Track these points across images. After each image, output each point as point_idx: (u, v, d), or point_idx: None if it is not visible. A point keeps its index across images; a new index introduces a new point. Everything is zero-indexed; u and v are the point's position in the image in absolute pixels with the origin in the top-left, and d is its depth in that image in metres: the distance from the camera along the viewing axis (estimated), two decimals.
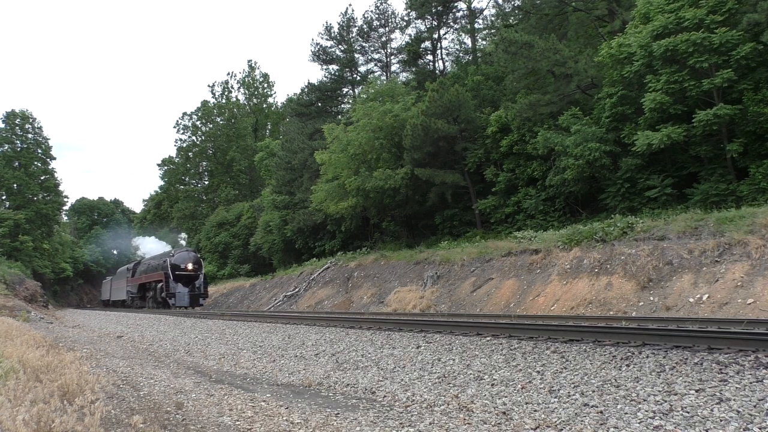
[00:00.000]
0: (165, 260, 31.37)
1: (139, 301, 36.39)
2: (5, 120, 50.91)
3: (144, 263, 37.30)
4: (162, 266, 31.81)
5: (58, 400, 4.57)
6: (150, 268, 34.50)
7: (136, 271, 38.37)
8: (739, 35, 15.02)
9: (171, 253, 31.96)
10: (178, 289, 30.13)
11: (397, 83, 32.48)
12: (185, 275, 31.00)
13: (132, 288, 38.19)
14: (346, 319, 12.24)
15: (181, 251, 32.60)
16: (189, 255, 32.12)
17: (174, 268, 30.75)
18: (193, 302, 30.49)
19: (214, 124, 58.96)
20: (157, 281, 31.94)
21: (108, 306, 49.34)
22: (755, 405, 4.15)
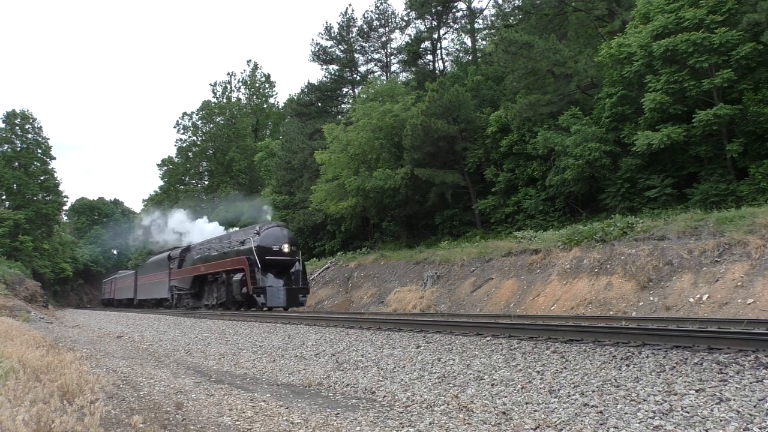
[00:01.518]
0: (246, 240, 20.77)
1: (191, 301, 25.50)
2: (5, 120, 50.91)
3: (202, 247, 25.68)
4: (241, 249, 20.85)
5: (58, 400, 4.56)
6: (217, 253, 23.35)
7: (187, 259, 27.48)
8: (739, 35, 15.02)
9: (255, 229, 21.01)
10: (268, 282, 19.68)
11: (397, 83, 32.49)
12: (279, 261, 20.12)
13: (180, 282, 27.00)
14: (346, 319, 12.24)
15: (269, 226, 21.11)
16: (282, 232, 20.78)
17: (262, 252, 19.80)
18: (291, 300, 19.69)
19: (214, 124, 58.96)
20: (232, 271, 21.20)
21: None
22: (755, 405, 4.15)
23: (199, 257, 24.99)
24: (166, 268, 29.65)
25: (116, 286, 45.87)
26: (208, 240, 25.92)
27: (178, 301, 27.62)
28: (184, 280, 26.38)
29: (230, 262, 21.13)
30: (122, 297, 43.13)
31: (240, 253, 20.53)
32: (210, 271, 23.11)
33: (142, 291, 35.92)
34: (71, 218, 75.42)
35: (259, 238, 20.01)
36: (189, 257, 27.08)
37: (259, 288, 19.09)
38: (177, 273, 27.92)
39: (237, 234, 23.20)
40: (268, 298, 19.12)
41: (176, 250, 29.64)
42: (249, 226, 25.85)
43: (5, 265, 38.02)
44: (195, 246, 27.03)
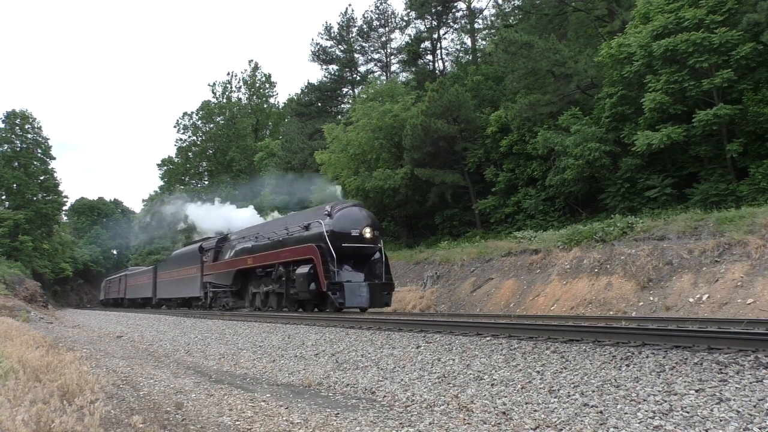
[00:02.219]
0: (313, 224, 16.22)
1: (231, 300, 21.01)
2: (5, 120, 50.94)
3: (247, 235, 20.72)
4: (307, 236, 16.29)
5: (58, 400, 4.56)
6: (269, 241, 18.39)
7: (224, 250, 22.27)
8: (739, 35, 15.03)
9: (325, 210, 16.28)
10: (345, 276, 15.18)
11: (397, 83, 32.51)
12: (359, 250, 15.58)
13: (218, 278, 22.14)
14: (346, 319, 12.23)
15: (344, 206, 16.28)
16: (362, 213, 16.15)
17: (336, 238, 15.23)
18: (374, 299, 15.04)
19: (214, 124, 58.97)
20: (294, 263, 16.33)
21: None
22: (755, 405, 4.15)
23: (243, 247, 19.95)
24: (198, 262, 24.34)
25: (127, 284, 41.11)
26: (255, 226, 21.49)
27: (213, 300, 22.65)
28: (223, 275, 21.43)
29: (291, 251, 16.30)
30: (136, 296, 38.24)
31: (305, 240, 15.80)
32: (260, 264, 18.26)
33: (165, 289, 30.55)
34: (71, 218, 75.43)
35: (333, 221, 15.30)
36: (228, 248, 21.83)
37: (335, 284, 14.44)
38: (212, 267, 22.78)
39: (296, 217, 18.15)
40: (347, 295, 14.43)
41: (210, 239, 24.32)
42: (311, 207, 20.95)
43: (5, 265, 38.03)
44: (235, 234, 22.12)
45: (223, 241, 22.90)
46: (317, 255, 14.81)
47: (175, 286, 28.34)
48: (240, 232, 21.98)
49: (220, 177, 57.33)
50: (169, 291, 29.90)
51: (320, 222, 15.67)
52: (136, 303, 38.64)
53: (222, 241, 22.91)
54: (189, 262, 26.16)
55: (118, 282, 45.44)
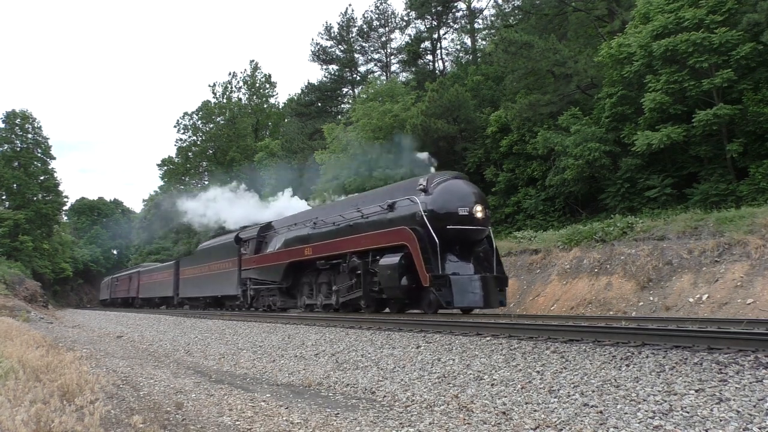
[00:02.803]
0: (400, 203, 12.72)
1: (280, 298, 17.91)
2: (5, 120, 50.94)
3: (300, 221, 17.09)
4: (395, 217, 12.82)
5: (58, 400, 4.57)
6: (335, 227, 14.84)
7: (269, 240, 18.93)
8: (739, 35, 15.03)
9: (420, 184, 12.40)
10: (451, 268, 11.73)
11: (397, 83, 32.51)
12: (468, 235, 12.12)
13: (262, 273, 18.70)
14: (346, 319, 12.24)
15: (445, 178, 12.60)
16: (468, 187, 12.62)
17: (439, 219, 11.78)
18: (490, 298, 11.36)
19: (214, 124, 58.96)
20: (376, 252, 12.89)
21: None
22: (755, 405, 4.15)
23: (296, 236, 16.51)
24: (233, 255, 20.94)
25: (141, 281, 37.50)
26: (310, 211, 18.22)
27: (254, 299, 19.53)
28: (269, 269, 17.94)
29: (372, 238, 12.76)
30: (152, 295, 34.60)
31: (391, 223, 12.48)
32: (322, 255, 14.72)
33: (190, 287, 26.75)
34: (71, 218, 75.44)
35: (432, 198, 11.78)
36: (273, 237, 18.45)
37: (440, 277, 10.91)
38: (254, 260, 19.11)
39: (371, 197, 14.29)
40: (455, 293, 10.83)
41: (249, 229, 21.07)
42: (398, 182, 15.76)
43: (5, 265, 38.04)
44: (281, 221, 18.84)
45: (266, 229, 19.36)
46: (413, 241, 11.25)
47: (204, 284, 24.45)
48: (287, 219, 18.62)
49: (219, 177, 57.30)
50: (195, 289, 26.00)
51: (413, 200, 12.00)
52: (152, 303, 35.31)
53: (265, 230, 19.41)
54: (222, 255, 22.41)
55: (128, 280, 41.59)
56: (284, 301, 17.80)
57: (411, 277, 11.51)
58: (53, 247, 53.52)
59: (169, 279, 30.94)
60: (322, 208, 17.55)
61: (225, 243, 22.76)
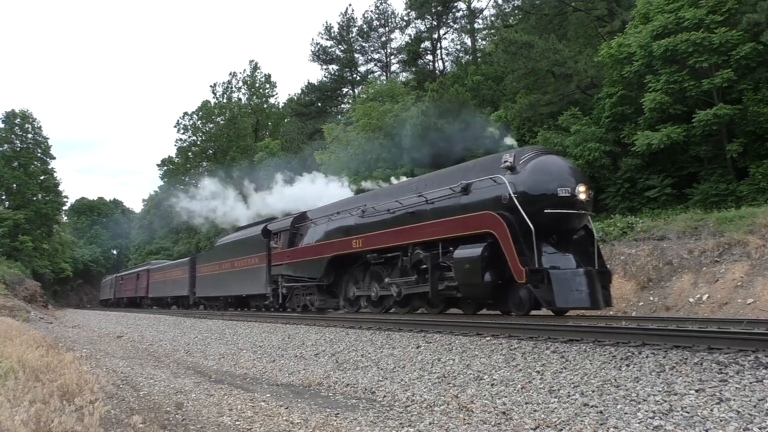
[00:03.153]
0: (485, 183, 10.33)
1: (319, 297, 15.65)
2: (5, 120, 50.96)
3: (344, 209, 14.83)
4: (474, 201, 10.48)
5: (58, 400, 4.56)
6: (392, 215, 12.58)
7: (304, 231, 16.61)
8: (739, 35, 15.04)
9: (506, 161, 10.00)
10: (549, 262, 9.41)
11: (397, 83, 32.52)
12: (567, 220, 9.85)
13: (296, 269, 16.43)
14: (346, 319, 12.23)
15: (536, 153, 10.25)
16: (566, 163, 10.57)
17: (533, 202, 9.54)
18: (595, 297, 9.15)
19: (214, 124, 58.99)
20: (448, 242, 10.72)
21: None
22: (755, 405, 4.15)
23: (340, 226, 14.30)
24: (261, 249, 18.60)
25: (151, 280, 34.89)
26: (357, 197, 15.89)
27: (287, 298, 17.29)
28: (306, 264, 15.68)
29: (445, 225, 10.68)
30: (164, 294, 32.21)
31: (468, 209, 10.35)
32: (375, 247, 12.67)
33: (208, 285, 24.43)
34: (71, 218, 75.48)
35: (522, 177, 9.76)
36: (309, 228, 16.12)
37: (537, 272, 9.00)
38: (288, 255, 16.67)
39: (437, 179, 11.95)
40: (556, 291, 8.98)
41: (279, 220, 18.87)
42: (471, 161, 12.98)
43: (5, 265, 38.05)
44: (318, 211, 16.48)
45: (301, 220, 16.97)
46: (502, 228, 9.34)
47: (225, 282, 22.17)
48: (326, 207, 16.28)
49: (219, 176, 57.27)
50: (214, 288, 23.64)
51: (497, 180, 9.93)
52: (163, 303, 32.95)
53: (299, 221, 16.96)
54: (247, 250, 20.00)
55: (135, 278, 39.08)
56: (323, 301, 15.50)
57: (496, 272, 9.57)
58: (53, 247, 53.54)
59: (183, 277, 28.39)
60: (372, 194, 15.21)
61: (250, 237, 20.13)
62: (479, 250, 9.68)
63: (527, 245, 9.16)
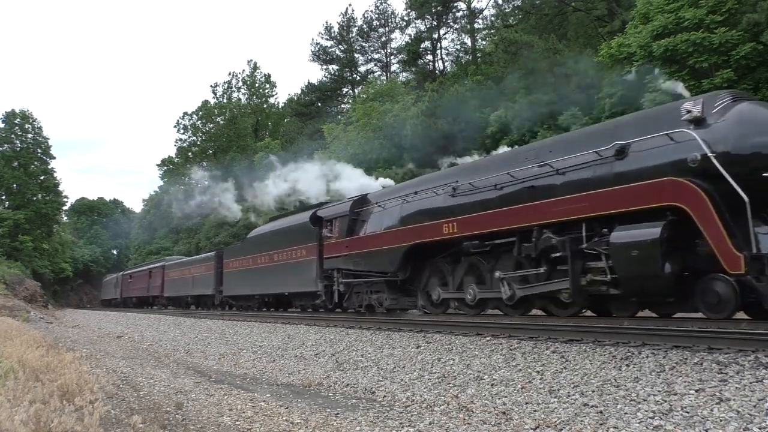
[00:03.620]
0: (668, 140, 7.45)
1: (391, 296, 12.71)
2: (5, 120, 51.00)
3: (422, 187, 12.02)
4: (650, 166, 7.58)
5: (58, 400, 4.56)
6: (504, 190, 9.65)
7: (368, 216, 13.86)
8: (739, 35, 15.05)
9: (685, 110, 7.21)
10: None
11: (397, 83, 32.54)
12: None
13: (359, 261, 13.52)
14: (346, 319, 12.23)
15: (730, 98, 7.51)
16: None
17: (743, 164, 6.79)
18: None
19: (214, 124, 59.02)
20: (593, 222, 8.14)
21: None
22: (755, 405, 4.15)
23: (423, 208, 11.52)
24: (310, 239, 15.80)
25: (166, 277, 31.78)
26: (438, 174, 12.95)
27: (345, 297, 14.31)
28: (373, 256, 12.89)
29: (596, 200, 8.17)
30: (183, 293, 28.98)
31: (626, 178, 7.91)
32: (480, 231, 9.99)
33: (238, 283, 21.31)
34: (71, 218, 75.51)
35: (722, 131, 7.27)
36: (373, 213, 13.57)
37: (759, 259, 6.53)
38: (345, 245, 14.02)
39: (575, 140, 9.32)
40: None
41: (331, 205, 16.18)
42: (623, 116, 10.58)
43: (5, 265, 38.07)
44: (387, 192, 13.99)
45: (361, 204, 14.25)
46: (699, 200, 6.92)
47: (261, 278, 19.05)
48: (396, 188, 14.13)
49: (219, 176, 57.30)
50: (247, 285, 20.61)
51: (680, 136, 7.45)
52: (181, 302, 29.87)
53: (359, 205, 14.23)
54: (291, 240, 17.05)
55: (147, 276, 35.66)
56: (395, 300, 12.59)
57: (678, 260, 7.26)
58: (53, 247, 53.56)
59: (207, 274, 25.18)
60: (464, 168, 12.19)
61: (295, 225, 17.12)
62: (656, 231, 7.18)
63: (736, 223, 6.75)
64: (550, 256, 8.77)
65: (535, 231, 8.91)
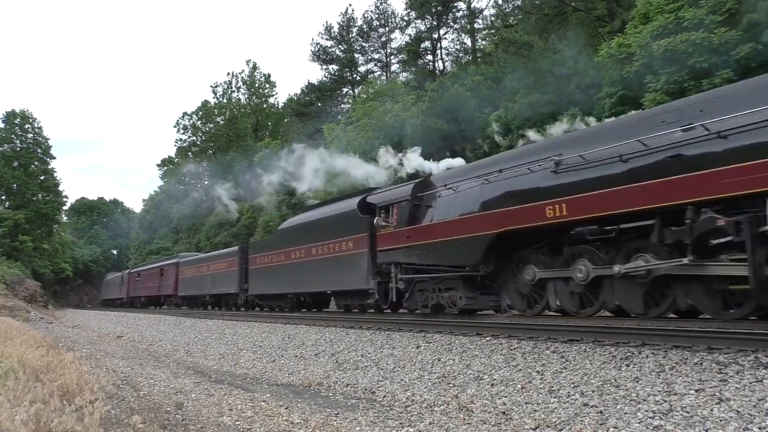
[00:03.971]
0: None
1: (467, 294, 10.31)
2: (5, 120, 51.02)
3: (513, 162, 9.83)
4: None
5: (58, 400, 4.56)
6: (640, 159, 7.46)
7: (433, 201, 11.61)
8: (739, 35, 15.04)
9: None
10: None
11: (397, 83, 32.54)
12: None
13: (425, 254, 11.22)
14: (346, 319, 12.23)
15: None
16: None
17: None
18: None
19: (214, 124, 59.05)
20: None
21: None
22: (755, 405, 4.15)
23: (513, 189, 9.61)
24: (360, 229, 13.80)
25: (180, 275, 29.56)
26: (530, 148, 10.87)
27: (406, 296, 12.01)
28: (445, 247, 10.81)
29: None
30: (199, 292, 26.68)
31: None
32: (604, 212, 7.92)
33: (268, 280, 18.91)
34: (71, 218, 75.54)
35: None
36: (439, 196, 11.50)
37: None
38: (405, 235, 11.91)
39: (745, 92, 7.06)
40: None
41: (385, 190, 14.12)
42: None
43: (5, 265, 38.07)
44: (456, 173, 12.09)
45: (424, 188, 12.21)
46: None
47: (297, 275, 16.75)
48: (465, 168, 12.28)
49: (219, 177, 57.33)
50: (278, 282, 18.15)
51: None
52: (197, 302, 27.50)
53: (422, 188, 12.20)
54: (335, 231, 14.97)
55: (158, 274, 33.10)
56: (472, 298, 10.34)
57: None
58: (53, 247, 53.57)
59: (230, 271, 22.87)
60: (567, 138, 10.18)
61: (341, 214, 15.11)
62: None
63: None
64: (710, 242, 6.82)
65: (689, 210, 6.99)
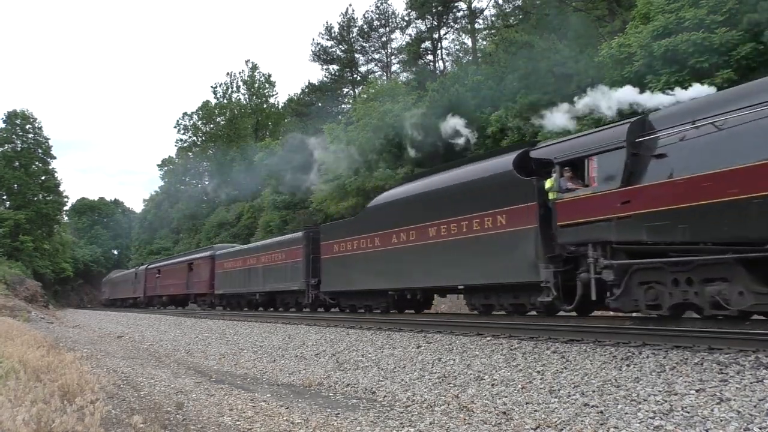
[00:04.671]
0: None
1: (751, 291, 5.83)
2: (6, 120, 51.04)
3: None
4: None
5: (59, 400, 4.57)
6: None
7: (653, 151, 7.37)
8: (739, 35, 15.04)
9: None
10: None
11: (398, 83, 32.54)
12: None
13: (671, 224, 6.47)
14: (346, 319, 12.23)
15: None
16: None
17: None
18: None
19: (214, 124, 59.07)
20: None
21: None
22: (755, 405, 4.15)
23: None
24: (522, 198, 9.57)
25: (217, 269, 24.78)
26: None
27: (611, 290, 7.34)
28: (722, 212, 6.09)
29: None
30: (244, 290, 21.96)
31: None
32: None
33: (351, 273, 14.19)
34: (72, 218, 75.56)
35: None
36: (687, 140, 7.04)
37: None
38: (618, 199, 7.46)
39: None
40: None
41: (570, 139, 9.90)
42: None
43: (5, 265, 38.07)
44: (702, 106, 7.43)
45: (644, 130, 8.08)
46: None
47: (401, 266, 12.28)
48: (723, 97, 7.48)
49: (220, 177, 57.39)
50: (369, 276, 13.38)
51: None
52: (240, 301, 22.79)
53: (642, 131, 8.03)
54: (468, 204, 10.72)
55: (187, 269, 28.25)
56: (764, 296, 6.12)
57: None
58: (54, 247, 53.58)
59: (292, 262, 18.21)
60: None
61: (482, 179, 10.82)
62: None
63: None
64: None
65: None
